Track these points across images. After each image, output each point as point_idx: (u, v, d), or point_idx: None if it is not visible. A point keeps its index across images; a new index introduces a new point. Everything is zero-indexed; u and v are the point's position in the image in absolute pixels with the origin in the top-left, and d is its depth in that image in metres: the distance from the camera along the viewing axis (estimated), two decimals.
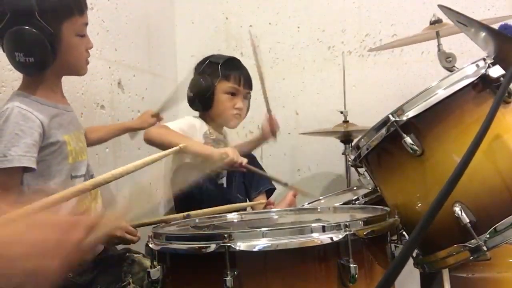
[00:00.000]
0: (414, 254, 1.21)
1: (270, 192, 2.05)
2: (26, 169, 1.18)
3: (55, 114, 1.29)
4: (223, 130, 2.00)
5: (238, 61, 1.99)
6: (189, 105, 1.91)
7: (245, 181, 1.97)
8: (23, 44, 1.19)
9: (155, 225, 1.23)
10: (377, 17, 2.41)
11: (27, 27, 1.17)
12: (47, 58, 1.22)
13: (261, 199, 1.98)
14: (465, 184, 1.04)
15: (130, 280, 1.33)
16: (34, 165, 1.18)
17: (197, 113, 1.96)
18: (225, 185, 1.91)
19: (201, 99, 1.87)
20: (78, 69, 1.36)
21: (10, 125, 1.17)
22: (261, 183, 2.01)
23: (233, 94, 1.89)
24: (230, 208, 1.45)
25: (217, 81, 1.87)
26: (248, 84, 1.95)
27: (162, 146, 1.62)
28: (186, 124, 1.82)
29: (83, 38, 1.33)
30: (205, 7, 2.62)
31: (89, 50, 1.36)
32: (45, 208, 0.75)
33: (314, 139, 2.41)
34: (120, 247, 1.44)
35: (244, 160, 1.64)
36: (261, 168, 2.03)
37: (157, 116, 1.79)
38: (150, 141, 1.70)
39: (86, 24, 1.34)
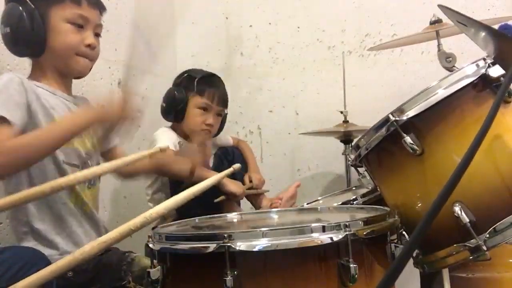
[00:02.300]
0: (414, 254, 1.21)
1: None
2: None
3: (49, 97, 1.29)
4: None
5: (217, 78, 1.98)
6: (162, 115, 1.93)
7: (237, 177, 1.97)
8: (3, 16, 1.26)
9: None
10: (377, 17, 2.41)
11: (11, 2, 1.25)
12: (23, 30, 1.23)
13: None
14: (465, 184, 1.04)
15: (130, 279, 1.33)
16: (14, 119, 1.15)
17: (168, 123, 1.98)
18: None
19: (173, 111, 1.88)
20: (68, 60, 1.32)
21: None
22: None
23: (205, 109, 1.89)
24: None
25: (190, 95, 1.88)
26: (222, 102, 1.94)
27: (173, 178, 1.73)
28: (171, 139, 1.85)
29: (80, 31, 1.32)
30: (205, 7, 2.62)
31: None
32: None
33: (314, 139, 2.41)
34: (122, 247, 1.45)
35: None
36: (243, 161, 2.03)
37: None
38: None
39: (87, 19, 1.32)
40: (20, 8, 1.23)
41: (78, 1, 1.32)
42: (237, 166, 1.17)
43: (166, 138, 1.84)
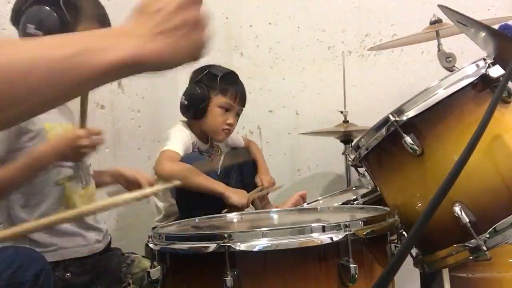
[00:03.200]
0: (414, 254, 1.21)
1: None
2: None
3: None
4: (209, 139, 1.99)
5: (236, 76, 1.97)
6: (181, 112, 1.91)
7: (244, 179, 1.97)
8: (38, 18, 1.22)
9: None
10: (377, 17, 2.41)
11: (47, 7, 1.22)
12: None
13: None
14: (465, 184, 1.04)
15: (130, 281, 1.33)
16: None
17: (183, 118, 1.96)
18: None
19: (194, 109, 1.86)
20: None
21: None
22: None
23: (226, 109, 1.88)
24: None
25: (213, 94, 1.87)
26: (243, 102, 1.94)
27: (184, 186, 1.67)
28: (184, 140, 1.82)
29: None
30: (205, 7, 2.61)
31: None
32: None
33: (314, 139, 2.41)
34: (122, 248, 1.44)
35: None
36: (253, 165, 2.03)
37: None
38: (166, 177, 1.68)
39: None
40: (55, 14, 1.22)
41: (103, 21, 1.36)
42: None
43: (179, 138, 1.82)
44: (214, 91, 1.86)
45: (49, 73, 0.50)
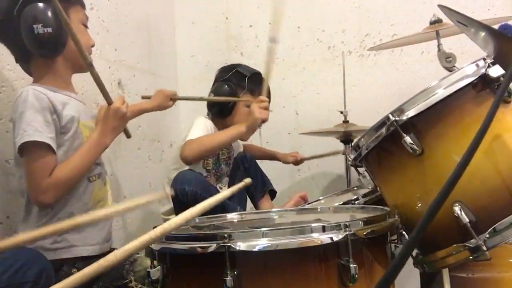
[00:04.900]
0: (414, 254, 1.21)
1: (272, 193, 2.05)
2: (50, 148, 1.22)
3: (68, 101, 1.32)
4: None
5: (262, 75, 1.97)
6: (208, 108, 1.93)
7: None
8: (39, 16, 1.24)
9: None
10: (377, 17, 2.41)
11: (40, 4, 1.24)
12: (62, 32, 1.25)
13: (266, 200, 1.98)
14: (465, 184, 1.04)
15: (132, 278, 1.33)
16: (51, 143, 1.22)
17: (205, 113, 1.98)
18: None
19: (222, 107, 1.88)
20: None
21: (28, 104, 1.21)
22: (266, 183, 2.02)
23: None
24: None
25: (242, 93, 1.88)
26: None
27: (207, 155, 1.82)
28: (205, 127, 1.85)
29: (87, 31, 1.39)
30: (205, 7, 2.62)
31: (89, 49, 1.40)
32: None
33: (314, 139, 2.41)
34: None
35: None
36: (258, 168, 2.04)
37: (174, 99, 1.79)
38: (191, 159, 1.74)
39: (87, 18, 1.40)
40: (49, 8, 1.24)
41: (84, 4, 1.40)
42: (248, 180, 1.19)
43: (200, 125, 1.84)
44: (242, 90, 1.88)
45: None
